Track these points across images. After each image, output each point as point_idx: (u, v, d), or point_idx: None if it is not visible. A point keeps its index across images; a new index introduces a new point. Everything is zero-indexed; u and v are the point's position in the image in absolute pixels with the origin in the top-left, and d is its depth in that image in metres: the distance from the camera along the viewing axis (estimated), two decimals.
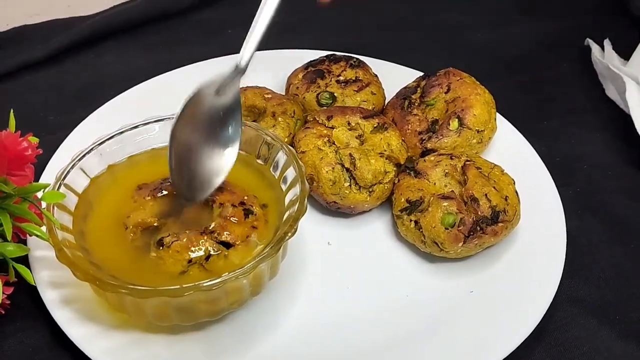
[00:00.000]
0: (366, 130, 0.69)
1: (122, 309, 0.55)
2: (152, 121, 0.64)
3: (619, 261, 0.66)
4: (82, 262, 0.54)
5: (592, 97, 0.84)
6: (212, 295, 0.53)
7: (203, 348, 0.56)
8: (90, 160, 0.61)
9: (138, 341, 0.56)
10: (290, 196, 0.59)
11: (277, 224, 0.58)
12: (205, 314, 0.56)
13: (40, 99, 0.81)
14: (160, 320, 0.55)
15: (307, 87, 0.74)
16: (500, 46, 0.92)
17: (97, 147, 0.61)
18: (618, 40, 0.87)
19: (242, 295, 0.56)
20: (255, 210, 0.58)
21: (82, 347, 0.55)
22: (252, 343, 0.57)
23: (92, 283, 0.52)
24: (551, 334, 0.60)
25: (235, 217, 0.57)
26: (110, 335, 0.56)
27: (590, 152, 0.77)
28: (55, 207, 0.56)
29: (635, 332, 0.60)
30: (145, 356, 0.55)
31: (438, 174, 0.66)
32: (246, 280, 0.54)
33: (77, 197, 0.59)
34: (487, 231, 0.61)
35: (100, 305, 0.57)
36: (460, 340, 0.57)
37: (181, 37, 0.92)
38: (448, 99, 0.72)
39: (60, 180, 0.58)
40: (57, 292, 0.58)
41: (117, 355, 0.55)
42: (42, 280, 0.58)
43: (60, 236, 0.54)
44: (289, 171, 0.60)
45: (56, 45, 0.86)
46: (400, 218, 0.64)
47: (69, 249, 0.54)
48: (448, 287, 0.62)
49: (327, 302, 0.61)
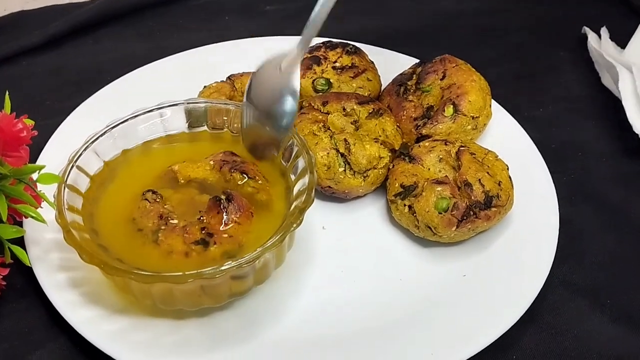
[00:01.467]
0: (361, 116, 0.69)
1: (129, 290, 0.56)
2: (166, 106, 0.64)
3: (612, 247, 0.66)
4: (89, 244, 0.54)
5: (587, 85, 0.84)
6: (215, 282, 0.53)
7: (207, 334, 0.57)
8: (104, 143, 0.61)
9: (140, 324, 0.56)
10: (299, 186, 0.59)
11: (284, 213, 0.58)
12: (209, 301, 0.56)
13: (38, 84, 0.82)
14: (165, 304, 0.56)
15: (303, 73, 0.74)
16: (497, 33, 0.92)
17: (110, 129, 0.62)
18: (616, 29, 0.87)
19: (245, 284, 0.56)
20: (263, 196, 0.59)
21: (81, 331, 0.55)
22: (250, 329, 0.57)
23: (98, 266, 0.53)
24: (543, 318, 0.60)
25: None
26: (111, 318, 0.56)
27: (585, 139, 0.77)
28: (66, 188, 0.56)
29: (626, 316, 0.60)
30: (148, 339, 0.56)
31: (432, 160, 0.66)
32: (250, 269, 0.55)
33: (89, 178, 0.59)
34: (480, 216, 0.61)
35: (100, 287, 0.58)
36: (452, 322, 0.57)
37: (179, 23, 0.92)
38: (443, 85, 0.72)
39: (72, 162, 0.58)
40: (53, 274, 0.58)
41: (119, 338, 0.55)
42: (38, 261, 0.59)
43: (69, 218, 0.55)
44: (299, 161, 0.60)
45: (54, 31, 0.86)
46: (395, 203, 0.65)
47: (77, 230, 0.54)
48: (441, 271, 0.62)
49: (321, 286, 0.61)
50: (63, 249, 0.58)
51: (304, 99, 0.72)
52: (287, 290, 0.61)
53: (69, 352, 0.57)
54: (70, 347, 0.57)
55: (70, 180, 0.57)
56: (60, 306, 0.56)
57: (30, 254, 0.58)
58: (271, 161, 0.62)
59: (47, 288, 0.57)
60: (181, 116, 0.64)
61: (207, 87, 0.72)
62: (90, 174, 0.60)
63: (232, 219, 0.56)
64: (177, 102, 0.64)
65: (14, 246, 0.54)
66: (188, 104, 0.64)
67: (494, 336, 0.56)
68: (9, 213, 0.53)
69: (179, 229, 0.56)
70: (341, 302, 0.60)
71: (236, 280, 0.55)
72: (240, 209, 0.56)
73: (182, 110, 0.64)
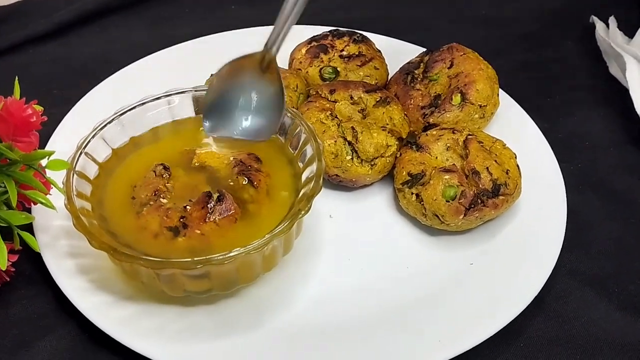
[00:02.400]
0: (369, 104, 0.69)
1: (137, 277, 0.56)
2: (174, 93, 0.64)
3: (619, 235, 0.66)
4: (98, 231, 0.54)
5: (595, 75, 0.84)
6: (224, 268, 0.53)
7: (214, 320, 0.57)
8: (112, 130, 0.61)
9: (148, 311, 0.57)
10: (307, 173, 0.59)
11: (292, 201, 0.58)
12: (217, 287, 0.56)
13: (45, 72, 0.82)
14: (173, 291, 0.56)
15: (310, 62, 0.74)
16: (505, 22, 0.91)
17: (118, 117, 0.62)
18: (624, 18, 0.86)
19: (253, 271, 0.56)
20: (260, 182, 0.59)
21: (90, 317, 0.55)
22: (257, 317, 0.57)
23: (107, 252, 0.53)
24: (550, 306, 0.60)
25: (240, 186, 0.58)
26: (119, 305, 0.57)
27: (593, 129, 0.77)
28: (75, 174, 0.56)
29: (633, 304, 0.61)
30: (156, 325, 0.56)
31: (440, 148, 0.66)
32: (258, 256, 0.55)
33: (98, 165, 0.60)
34: (488, 204, 0.61)
35: (109, 274, 0.58)
36: (460, 311, 0.58)
37: (185, 12, 0.92)
38: (451, 74, 0.72)
39: (81, 148, 0.58)
40: (62, 260, 0.59)
41: (127, 324, 0.56)
42: (46, 248, 0.59)
43: (78, 204, 0.55)
44: (307, 148, 0.60)
45: (60, 19, 0.86)
46: (402, 191, 0.65)
47: (86, 217, 0.55)
48: (448, 259, 0.62)
49: (328, 274, 0.61)
50: (72, 236, 0.58)
51: (311, 87, 0.72)
52: (295, 278, 0.61)
53: (78, 338, 0.57)
54: (79, 333, 0.57)
55: (79, 167, 0.58)
56: (70, 292, 0.57)
57: (39, 241, 0.58)
58: (280, 148, 0.62)
59: (56, 274, 0.58)
60: (189, 103, 0.64)
61: (213, 75, 0.72)
62: (98, 161, 0.60)
63: (214, 218, 0.55)
64: (185, 90, 0.64)
65: (24, 232, 0.54)
66: (196, 92, 0.64)
67: (501, 324, 0.56)
68: (18, 200, 0.53)
69: (162, 210, 0.56)
70: (348, 290, 0.60)
71: (243, 268, 0.55)
72: (226, 212, 0.56)
73: (189, 97, 0.64)
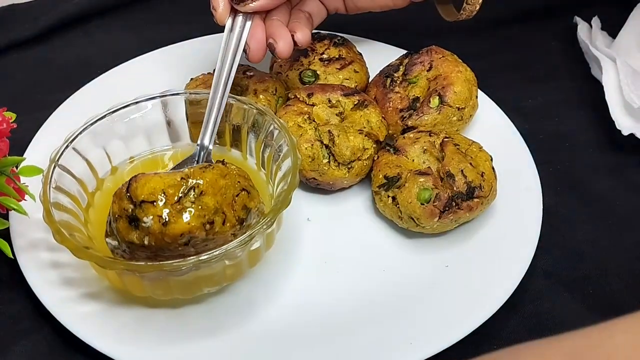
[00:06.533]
0: (346, 107, 0.69)
1: (122, 285, 0.55)
2: (144, 99, 0.64)
3: (595, 237, 0.66)
4: (81, 241, 0.54)
5: (577, 76, 0.83)
6: (209, 267, 0.53)
7: (203, 319, 0.57)
8: (83, 141, 0.61)
9: (122, 313, 0.57)
10: (283, 169, 0.59)
11: (272, 196, 0.58)
12: (206, 285, 0.56)
13: (28, 77, 0.82)
14: (160, 294, 0.56)
15: (290, 65, 0.75)
16: (487, 24, 0.91)
17: (89, 127, 0.61)
18: (609, 18, 0.86)
19: (240, 267, 0.57)
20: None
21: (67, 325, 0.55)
22: (231, 320, 0.58)
23: (92, 262, 0.53)
24: (526, 307, 0.60)
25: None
26: (106, 314, 0.57)
27: (573, 130, 0.77)
28: (52, 188, 0.56)
29: (609, 306, 0.61)
30: (145, 329, 0.56)
31: (417, 151, 0.66)
32: (243, 252, 0.55)
33: (73, 178, 0.59)
34: (462, 206, 0.61)
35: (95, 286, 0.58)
36: (433, 312, 0.58)
37: (168, 17, 0.92)
38: (430, 76, 0.72)
39: (54, 161, 0.58)
40: (37, 265, 0.59)
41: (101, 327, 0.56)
42: (22, 252, 0.59)
43: (57, 217, 0.54)
44: (282, 144, 0.60)
45: (44, 24, 0.86)
46: (379, 194, 0.65)
47: (67, 229, 0.54)
48: (424, 261, 0.62)
49: (304, 277, 0.61)
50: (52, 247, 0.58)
51: (289, 91, 0.72)
52: (270, 280, 0.61)
53: (54, 342, 0.57)
54: (55, 337, 0.57)
55: (55, 179, 0.57)
56: (46, 300, 0.57)
57: (15, 245, 0.58)
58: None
59: (30, 278, 0.58)
60: (159, 109, 0.64)
61: (193, 79, 0.73)
62: (73, 173, 0.60)
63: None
64: (153, 96, 0.64)
65: None
66: (164, 97, 0.64)
67: (474, 325, 0.56)
68: None
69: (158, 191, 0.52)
70: (324, 293, 0.60)
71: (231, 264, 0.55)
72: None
73: (159, 103, 0.64)
